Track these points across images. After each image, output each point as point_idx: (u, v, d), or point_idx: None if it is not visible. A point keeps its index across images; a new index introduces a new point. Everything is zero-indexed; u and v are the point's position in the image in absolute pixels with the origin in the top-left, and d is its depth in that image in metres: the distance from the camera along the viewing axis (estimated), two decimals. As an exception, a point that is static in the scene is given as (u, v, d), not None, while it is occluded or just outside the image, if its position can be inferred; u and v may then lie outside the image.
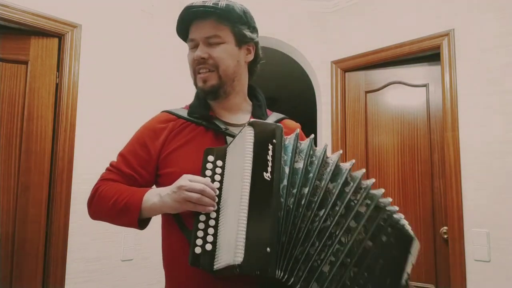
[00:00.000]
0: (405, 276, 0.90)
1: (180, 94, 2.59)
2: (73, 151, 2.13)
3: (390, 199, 0.92)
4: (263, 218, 0.82)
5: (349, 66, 2.66)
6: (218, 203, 0.89)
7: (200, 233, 0.85)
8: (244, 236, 0.79)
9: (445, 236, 2.18)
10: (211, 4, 1.03)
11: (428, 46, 2.30)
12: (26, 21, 2.02)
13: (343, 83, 2.68)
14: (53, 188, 2.06)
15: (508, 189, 1.95)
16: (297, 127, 1.18)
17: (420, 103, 2.41)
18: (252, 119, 0.92)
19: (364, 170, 0.93)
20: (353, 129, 2.63)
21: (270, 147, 0.88)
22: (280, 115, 1.17)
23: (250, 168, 0.85)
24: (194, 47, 1.06)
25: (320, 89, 2.75)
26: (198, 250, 0.84)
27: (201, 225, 0.86)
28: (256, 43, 1.14)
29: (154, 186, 1.08)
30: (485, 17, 2.10)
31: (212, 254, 0.84)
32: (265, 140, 0.88)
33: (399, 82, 2.50)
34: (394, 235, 0.89)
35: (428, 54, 2.36)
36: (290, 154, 0.89)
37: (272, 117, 1.14)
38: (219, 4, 1.03)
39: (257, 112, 1.12)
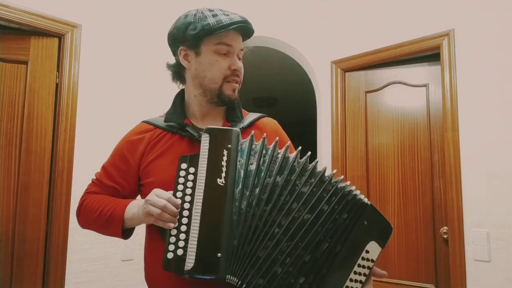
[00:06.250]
0: (363, 246, 0.90)
1: (180, 94, 2.59)
2: (73, 151, 2.13)
3: (334, 171, 0.94)
4: (216, 224, 0.86)
5: (349, 66, 2.66)
6: (190, 209, 0.91)
7: (172, 239, 0.89)
8: (196, 243, 0.85)
9: (445, 236, 2.19)
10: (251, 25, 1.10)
11: (428, 46, 2.30)
12: (26, 21, 2.02)
13: (343, 83, 2.68)
14: (53, 188, 2.06)
15: (508, 189, 1.95)
16: (273, 124, 1.20)
17: (420, 103, 2.41)
18: (208, 126, 0.96)
19: (309, 153, 0.96)
20: (353, 129, 2.63)
21: (225, 152, 0.92)
22: (257, 114, 1.18)
23: (204, 175, 0.90)
24: (227, 53, 1.07)
25: (320, 89, 2.75)
26: (170, 255, 0.87)
27: (174, 231, 0.89)
28: None
29: (139, 196, 1.12)
30: (485, 17, 2.10)
31: (183, 259, 0.87)
32: (220, 146, 0.92)
33: (399, 82, 2.50)
34: (338, 201, 0.90)
35: (428, 54, 2.36)
36: (245, 157, 0.92)
37: (248, 118, 1.15)
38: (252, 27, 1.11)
39: (231, 116, 1.14)
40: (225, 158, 0.91)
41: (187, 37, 1.07)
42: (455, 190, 2.09)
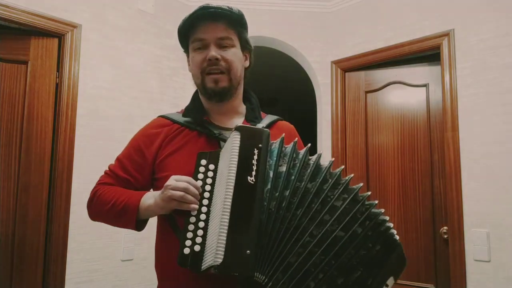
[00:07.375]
0: (386, 281, 0.92)
1: (181, 95, 2.59)
2: (73, 151, 2.13)
3: (369, 193, 0.93)
4: (245, 221, 0.86)
5: (349, 66, 2.66)
6: (209, 206, 0.91)
7: (189, 234, 0.88)
8: (225, 238, 0.83)
9: (445, 236, 2.18)
10: (226, 8, 1.06)
11: (428, 46, 2.30)
12: (26, 21, 2.02)
13: (343, 83, 2.68)
14: (53, 188, 2.06)
15: (508, 189, 1.95)
16: (291, 128, 1.20)
17: (420, 103, 2.41)
18: (239, 124, 0.95)
19: (342, 167, 0.95)
20: (353, 129, 2.63)
21: (256, 151, 0.91)
22: (274, 117, 1.18)
23: (235, 172, 0.89)
24: (202, 47, 1.06)
25: (320, 89, 2.75)
26: (186, 250, 0.87)
27: (191, 227, 0.89)
28: (251, 51, 1.17)
29: (151, 190, 1.10)
30: (485, 17, 2.10)
31: (200, 255, 0.86)
32: (251, 145, 0.92)
33: (399, 82, 2.50)
34: (372, 228, 0.90)
35: (428, 54, 2.36)
36: (275, 158, 0.92)
37: (266, 119, 1.15)
38: (234, 9, 1.08)
39: (250, 116, 1.14)
40: (255, 157, 0.90)
41: (181, 46, 1.14)
42: (455, 190, 2.09)
